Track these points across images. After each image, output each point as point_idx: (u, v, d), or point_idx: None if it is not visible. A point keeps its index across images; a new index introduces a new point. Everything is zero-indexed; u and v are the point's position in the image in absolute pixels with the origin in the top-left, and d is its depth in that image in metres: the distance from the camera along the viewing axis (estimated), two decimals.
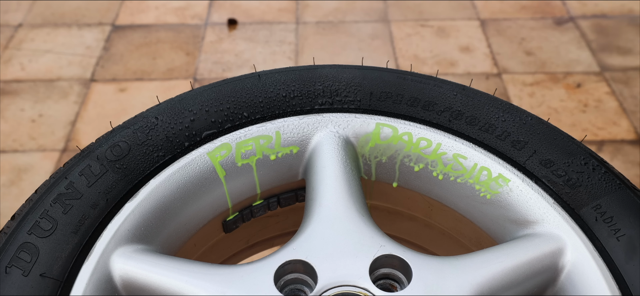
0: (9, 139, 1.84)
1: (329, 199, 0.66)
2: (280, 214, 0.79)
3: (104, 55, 2.16)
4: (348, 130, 0.73)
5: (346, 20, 2.33)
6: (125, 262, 0.61)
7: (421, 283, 0.59)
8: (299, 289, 0.61)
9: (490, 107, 0.75)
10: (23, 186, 1.69)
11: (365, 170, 0.74)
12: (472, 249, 0.75)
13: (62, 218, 0.62)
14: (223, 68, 2.10)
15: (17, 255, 0.59)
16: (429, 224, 0.79)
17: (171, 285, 0.60)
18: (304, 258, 0.61)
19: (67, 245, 0.61)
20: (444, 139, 0.72)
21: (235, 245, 0.80)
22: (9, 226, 0.62)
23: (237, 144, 0.71)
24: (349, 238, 0.62)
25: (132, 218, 0.64)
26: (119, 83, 2.04)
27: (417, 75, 0.79)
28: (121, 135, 0.70)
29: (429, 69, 2.08)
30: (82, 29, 2.29)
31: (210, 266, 0.62)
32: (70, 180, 0.65)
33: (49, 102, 1.97)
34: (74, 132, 1.86)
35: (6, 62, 2.14)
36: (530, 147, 0.71)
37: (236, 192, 0.72)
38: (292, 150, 0.72)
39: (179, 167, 0.68)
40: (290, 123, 0.73)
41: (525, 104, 1.92)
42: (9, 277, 0.58)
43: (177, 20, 2.34)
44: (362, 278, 0.59)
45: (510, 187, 0.68)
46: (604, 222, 0.64)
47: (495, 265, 0.62)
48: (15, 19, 2.34)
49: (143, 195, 0.66)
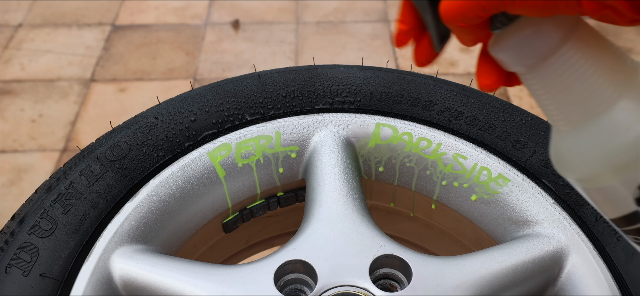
0: (9, 139, 1.84)
1: (329, 199, 0.66)
2: (280, 214, 0.79)
3: (104, 55, 2.16)
4: (348, 130, 0.73)
5: (346, 20, 2.32)
6: (125, 262, 0.61)
7: (421, 283, 0.59)
8: (299, 289, 0.61)
9: (490, 107, 0.75)
10: (23, 186, 1.69)
11: (365, 170, 0.74)
12: (472, 249, 0.75)
13: (62, 218, 0.62)
14: (223, 68, 2.10)
15: (17, 255, 0.59)
16: (429, 224, 0.79)
17: (171, 285, 0.60)
18: (304, 258, 0.61)
19: (67, 245, 0.61)
20: (444, 139, 0.72)
21: (235, 245, 0.80)
22: (9, 226, 0.62)
23: (237, 144, 0.71)
24: (349, 238, 0.62)
25: (132, 218, 0.64)
26: (119, 83, 2.04)
27: (417, 75, 0.79)
28: (121, 135, 0.70)
29: (428, 69, 2.08)
30: (82, 29, 2.29)
31: (210, 266, 0.62)
32: (70, 180, 0.65)
33: (49, 102, 1.97)
34: (74, 132, 1.86)
35: (6, 62, 2.14)
36: (530, 147, 0.71)
37: (236, 192, 0.72)
38: (292, 149, 0.72)
39: (179, 167, 0.68)
40: (290, 123, 0.73)
41: (525, 104, 1.92)
42: (9, 277, 0.58)
43: (177, 20, 2.34)
44: (362, 278, 0.59)
45: (510, 187, 0.68)
46: (604, 222, 0.65)
47: (495, 265, 0.62)
48: (15, 19, 2.34)
49: (143, 195, 0.66)
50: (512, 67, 0.38)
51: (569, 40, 0.35)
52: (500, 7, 0.34)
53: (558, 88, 0.37)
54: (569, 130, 0.38)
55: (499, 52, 0.38)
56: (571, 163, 0.38)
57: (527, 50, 0.37)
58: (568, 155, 0.38)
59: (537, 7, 0.33)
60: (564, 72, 0.36)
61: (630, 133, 0.35)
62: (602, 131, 0.36)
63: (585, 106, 0.36)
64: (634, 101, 0.35)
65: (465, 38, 0.39)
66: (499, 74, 0.40)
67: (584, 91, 0.36)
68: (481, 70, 0.41)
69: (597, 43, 0.36)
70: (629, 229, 0.39)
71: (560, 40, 0.35)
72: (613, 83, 0.36)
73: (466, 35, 0.38)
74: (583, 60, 0.36)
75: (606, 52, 0.36)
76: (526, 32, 0.36)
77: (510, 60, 0.38)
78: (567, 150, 0.38)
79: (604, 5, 0.33)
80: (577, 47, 0.36)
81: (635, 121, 0.35)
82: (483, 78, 0.41)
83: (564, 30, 0.35)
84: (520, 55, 0.37)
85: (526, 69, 0.37)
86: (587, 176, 0.37)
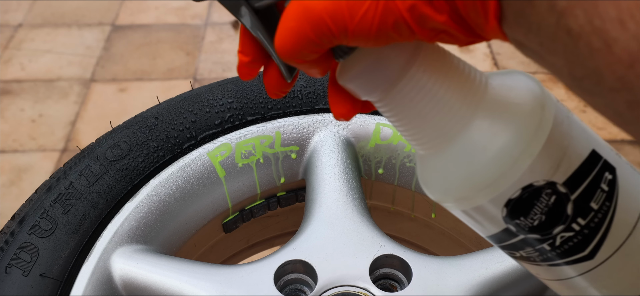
0: (9, 139, 1.84)
1: (329, 199, 0.66)
2: (280, 214, 0.79)
3: (104, 55, 2.16)
4: (348, 130, 0.73)
5: None
6: (125, 262, 0.61)
7: (421, 283, 0.59)
8: (299, 289, 0.61)
9: None
10: (23, 186, 1.69)
11: (366, 170, 0.74)
12: (472, 249, 0.75)
13: (62, 218, 0.62)
14: (223, 68, 2.10)
15: (17, 255, 0.59)
16: (429, 224, 0.79)
17: (171, 285, 0.60)
18: (304, 258, 0.61)
19: (67, 245, 0.61)
20: None
21: (235, 245, 0.80)
22: (9, 226, 0.62)
23: (237, 144, 0.71)
24: (349, 238, 0.62)
25: (132, 218, 0.64)
26: (119, 83, 2.04)
27: None
28: (121, 135, 0.70)
29: None
30: (82, 29, 2.29)
31: (210, 266, 0.62)
32: (70, 180, 0.65)
33: (49, 102, 1.97)
34: (74, 132, 1.86)
35: (6, 62, 2.14)
36: None
37: (236, 192, 0.72)
38: (292, 150, 0.72)
39: (179, 167, 0.68)
40: (290, 123, 0.73)
41: None
42: (9, 277, 0.58)
43: (177, 20, 2.34)
44: (362, 278, 0.59)
45: None
46: None
47: (495, 265, 0.62)
48: (15, 19, 2.34)
49: (143, 195, 0.66)
50: (363, 96, 0.37)
51: (413, 64, 0.34)
52: (334, 41, 0.33)
53: (411, 114, 0.36)
54: (430, 154, 0.37)
55: (345, 82, 0.37)
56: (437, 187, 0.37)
57: (373, 78, 0.35)
58: (433, 179, 0.38)
59: (371, 38, 0.32)
60: (414, 96, 0.35)
61: (488, 153, 0.34)
62: (460, 152, 0.35)
63: (440, 129, 0.35)
64: (487, 119, 0.35)
65: (311, 71, 0.36)
66: (353, 102, 0.38)
67: (437, 114, 0.35)
68: (333, 99, 0.38)
69: (444, 63, 0.35)
70: (504, 245, 0.39)
71: (403, 65, 0.34)
72: (465, 102, 0.35)
73: (311, 69, 0.36)
74: (431, 83, 0.35)
75: (454, 71, 0.35)
76: (369, 60, 0.35)
77: (358, 89, 0.36)
78: (431, 174, 0.38)
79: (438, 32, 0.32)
80: (423, 70, 0.35)
81: (490, 139, 0.35)
82: (337, 108, 0.38)
83: (406, 54, 0.34)
84: (367, 83, 0.36)
85: (376, 97, 0.36)
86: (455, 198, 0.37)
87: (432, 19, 0.31)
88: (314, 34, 0.32)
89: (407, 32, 0.32)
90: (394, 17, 0.31)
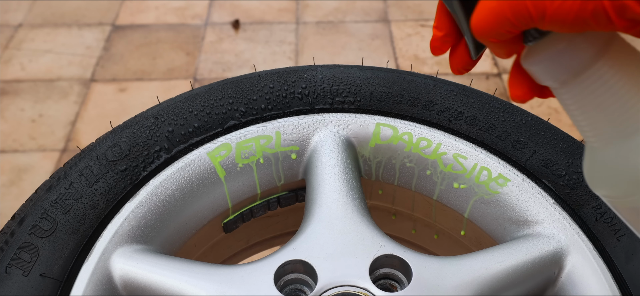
0: (9, 139, 1.84)
1: (329, 199, 0.66)
2: (280, 214, 0.79)
3: (104, 55, 2.16)
4: (348, 130, 0.73)
5: (346, 20, 2.32)
6: (125, 262, 0.61)
7: (421, 283, 0.59)
8: (299, 289, 0.61)
9: (490, 107, 0.75)
10: (23, 186, 1.69)
11: (366, 170, 0.74)
12: (472, 249, 0.75)
13: (62, 218, 0.62)
14: (223, 68, 2.10)
15: (17, 255, 0.59)
16: (429, 224, 0.79)
17: (171, 285, 0.60)
18: (304, 258, 0.61)
19: (67, 245, 0.61)
20: (444, 139, 0.72)
21: (236, 245, 0.80)
22: (9, 226, 0.62)
23: (237, 144, 0.71)
24: (349, 238, 0.62)
25: (132, 218, 0.64)
26: (119, 83, 2.04)
27: (417, 75, 0.79)
28: (121, 135, 0.70)
29: (429, 69, 2.08)
30: (82, 29, 2.29)
31: (210, 266, 0.62)
32: (70, 180, 0.65)
33: (49, 102, 1.97)
34: (74, 132, 1.86)
35: (6, 62, 2.14)
36: (530, 147, 0.71)
37: (236, 192, 0.72)
38: (292, 150, 0.72)
39: (179, 167, 0.68)
40: (290, 123, 0.73)
41: (525, 104, 1.92)
42: (9, 277, 0.58)
43: (177, 20, 2.34)
44: (362, 278, 0.59)
45: (511, 187, 0.68)
46: (604, 222, 0.65)
47: (495, 265, 0.62)
48: (15, 19, 2.34)
49: (143, 195, 0.66)
50: (544, 81, 0.38)
51: (602, 57, 0.35)
52: (531, 23, 0.34)
53: (590, 105, 0.36)
54: (602, 148, 0.37)
55: (530, 65, 0.38)
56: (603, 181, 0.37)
57: (559, 65, 0.36)
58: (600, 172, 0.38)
59: (567, 23, 0.33)
60: (596, 89, 0.35)
61: None
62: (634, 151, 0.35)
63: (618, 125, 0.35)
64: None
65: (498, 51, 0.38)
66: (530, 86, 0.40)
67: (617, 109, 0.35)
68: (513, 81, 0.40)
69: (633, 61, 0.35)
70: None
71: (592, 56, 0.35)
72: None
73: (499, 49, 0.38)
74: (617, 78, 0.35)
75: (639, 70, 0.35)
76: (558, 47, 0.35)
77: (542, 74, 0.37)
78: (599, 167, 0.37)
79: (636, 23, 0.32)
80: (610, 65, 0.35)
81: None
82: (515, 90, 0.40)
83: (597, 46, 0.35)
84: (552, 69, 0.36)
85: (558, 83, 0.37)
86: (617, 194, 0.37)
87: (632, 10, 0.31)
88: (513, 14, 0.34)
89: (604, 21, 0.32)
90: (594, 5, 0.31)
